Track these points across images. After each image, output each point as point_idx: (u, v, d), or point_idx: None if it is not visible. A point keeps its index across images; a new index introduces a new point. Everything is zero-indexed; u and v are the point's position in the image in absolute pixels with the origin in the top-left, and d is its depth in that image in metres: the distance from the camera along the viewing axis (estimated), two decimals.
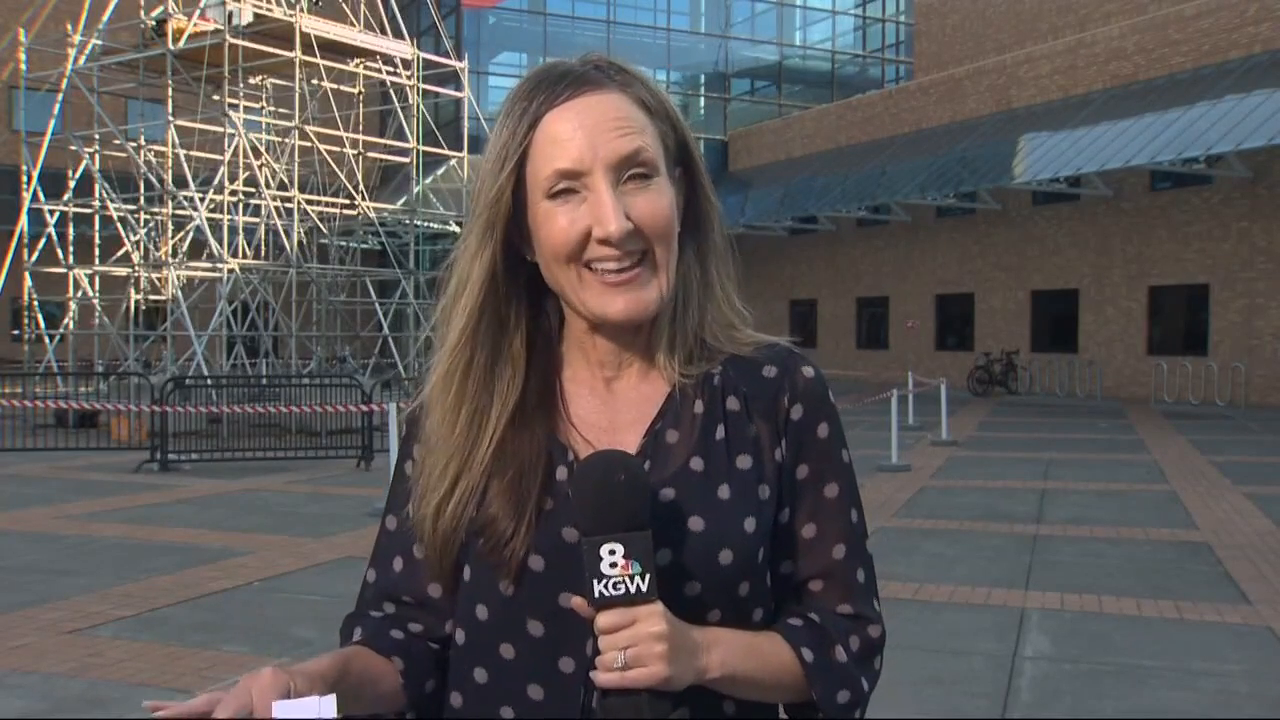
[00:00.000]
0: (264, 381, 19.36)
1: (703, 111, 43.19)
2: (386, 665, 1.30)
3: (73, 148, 22.64)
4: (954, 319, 31.71)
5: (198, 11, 21.35)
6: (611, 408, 1.31)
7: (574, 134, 1.24)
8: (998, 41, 32.70)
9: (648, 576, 1.12)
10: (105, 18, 22.32)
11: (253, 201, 22.82)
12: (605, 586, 1.12)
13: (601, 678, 1.13)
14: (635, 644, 1.12)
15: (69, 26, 22.67)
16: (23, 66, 23.01)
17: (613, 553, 1.12)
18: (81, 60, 22.44)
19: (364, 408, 14.29)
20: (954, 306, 31.66)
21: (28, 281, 22.71)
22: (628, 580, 1.12)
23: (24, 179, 22.77)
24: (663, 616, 1.13)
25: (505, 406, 1.30)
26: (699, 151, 1.33)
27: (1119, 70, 26.84)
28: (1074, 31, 30.58)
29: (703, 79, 42.99)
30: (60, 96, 22.84)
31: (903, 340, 32.77)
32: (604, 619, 1.13)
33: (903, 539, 9.44)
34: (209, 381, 17.41)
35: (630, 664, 1.12)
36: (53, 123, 22.42)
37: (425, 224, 26.39)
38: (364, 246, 26.27)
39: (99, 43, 22.61)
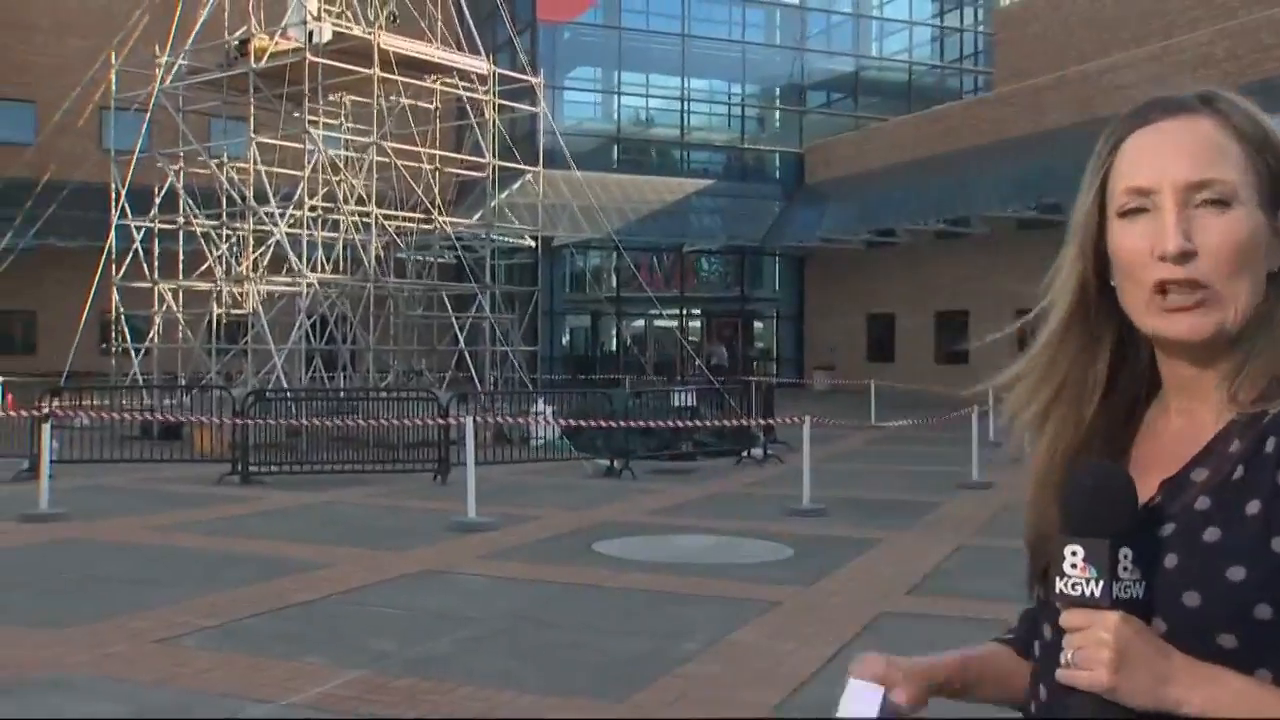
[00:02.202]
0: (342, 395, 19.61)
1: (778, 124, 43.00)
2: (1021, 665, 1.40)
3: (159, 165, 23.21)
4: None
5: (279, 31, 21.77)
6: (1164, 438, 1.32)
7: (1149, 153, 1.28)
8: (1080, 50, 32.08)
9: (1102, 583, 1.16)
10: (191, 39, 22.87)
11: (331, 216, 23.17)
12: (1065, 585, 1.18)
13: (1057, 673, 1.18)
14: (1084, 646, 1.16)
15: (156, 48, 23.24)
16: (113, 88, 23.64)
17: (1074, 554, 1.17)
18: (168, 80, 23.00)
19: (441, 421, 14.38)
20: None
21: (115, 296, 23.29)
22: (1084, 583, 1.17)
23: (113, 196, 23.35)
24: (1116, 625, 1.15)
25: (1078, 429, 1.35)
26: None
27: (1207, 76, 26.11)
28: (1159, 39, 29.93)
29: (778, 92, 42.82)
30: (148, 116, 23.42)
31: (984, 354, 32.16)
32: (1067, 617, 1.18)
33: (985, 558, 9.25)
34: (289, 395, 17.67)
35: (1077, 664, 1.15)
36: (140, 141, 22.99)
37: (501, 238, 26.59)
38: (441, 261, 26.51)
39: (185, 63, 23.16)
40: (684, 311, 40.36)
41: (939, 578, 8.47)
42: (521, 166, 26.51)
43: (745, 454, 16.86)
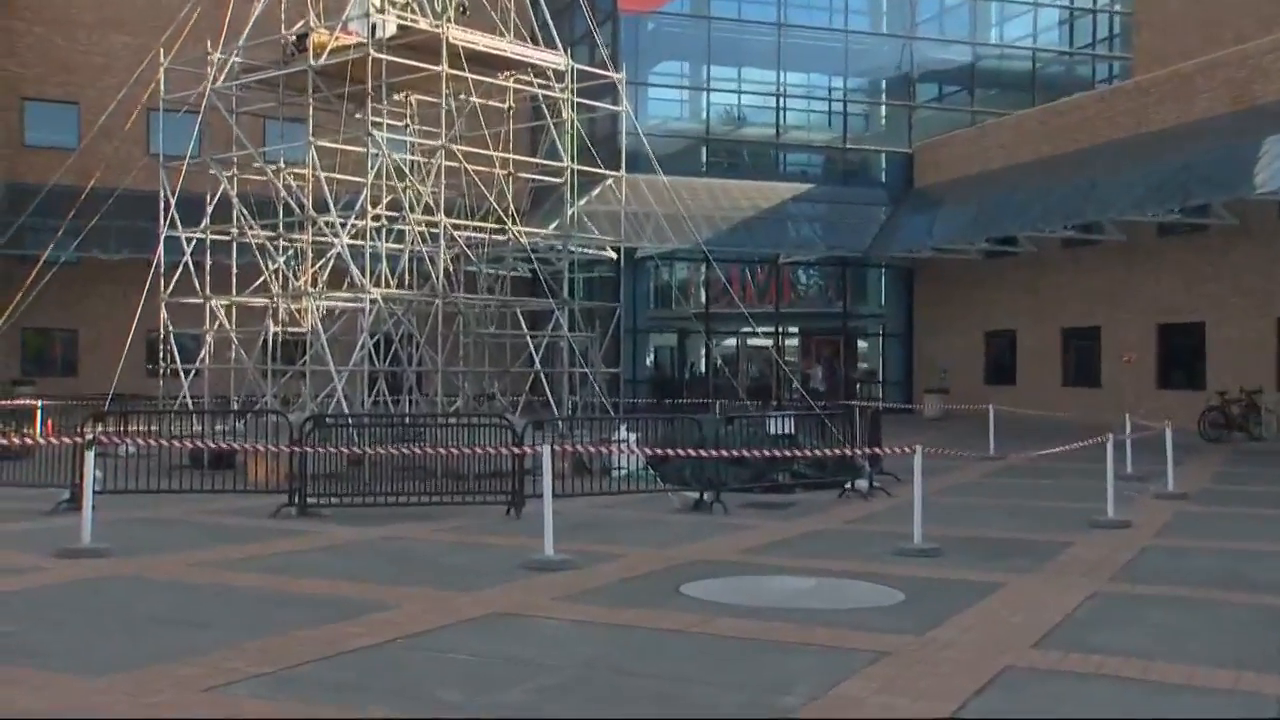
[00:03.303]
0: (408, 420, 19.82)
1: (884, 121, 42.75)
2: None
3: (210, 171, 23.74)
4: (1181, 352, 30.45)
5: (340, 25, 22.17)
6: None
7: None
8: (1236, 28, 31.28)
9: None
10: (245, 34, 23.40)
11: (396, 227, 23.50)
12: None
13: None
14: None
15: (208, 45, 23.81)
16: (161, 88, 24.26)
17: None
18: (220, 79, 23.55)
19: (515, 450, 14.46)
20: (1180, 337, 30.41)
21: (163, 313, 23.85)
22: None
23: (161, 205, 23.92)
24: None
25: None
26: None
27: None
28: None
29: (884, 85, 42.59)
30: (199, 118, 24.00)
31: (1118, 376, 31.61)
32: None
33: (1124, 607, 9.03)
34: (350, 420, 17.91)
35: None
36: (191, 145, 23.54)
37: (580, 250, 26.75)
38: (514, 274, 26.76)
39: (238, 60, 23.68)
40: (780, 329, 40.22)
41: (1071, 629, 8.29)
42: (602, 171, 26.64)
43: (849, 486, 16.72)
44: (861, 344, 43.19)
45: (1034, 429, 26.24)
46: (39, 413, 20.06)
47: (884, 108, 42.79)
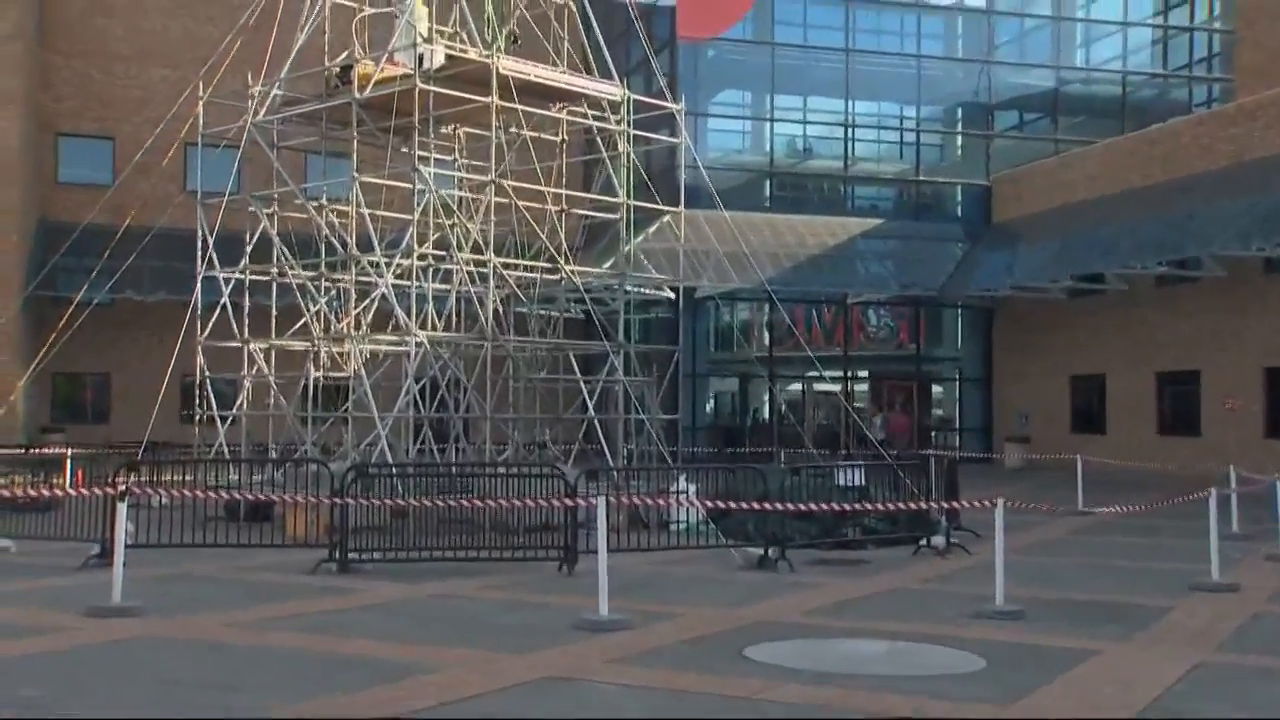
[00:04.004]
0: (455, 470, 19.87)
1: (960, 152, 42.65)
2: None
3: (250, 209, 24.07)
4: None
5: (385, 55, 22.47)
6: None
7: None
8: None
9: None
10: (286, 66, 23.77)
11: (444, 266, 23.67)
12: None
13: None
14: None
15: (249, 77, 24.23)
16: (200, 122, 24.68)
17: None
18: (261, 113, 23.92)
19: (568, 502, 14.44)
20: None
21: (200, 357, 24.14)
22: None
23: (199, 245, 24.27)
24: None
25: None
26: None
27: None
28: None
29: (960, 113, 42.52)
30: (239, 153, 24.37)
31: (1221, 425, 31.09)
32: None
33: (1232, 680, 8.83)
34: (394, 470, 17.98)
35: None
36: (230, 182, 23.90)
37: (636, 289, 26.80)
38: (567, 316, 26.87)
39: (279, 93, 24.05)
40: (849, 373, 40.06)
41: (1172, 702, 8.12)
42: (660, 207, 26.74)
43: (924, 543, 16.57)
44: (936, 389, 42.89)
45: (1126, 481, 25.85)
46: (68, 462, 20.31)
47: (959, 137, 42.71)
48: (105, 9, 37.87)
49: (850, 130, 40.24)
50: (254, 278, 24.51)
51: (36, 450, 24.59)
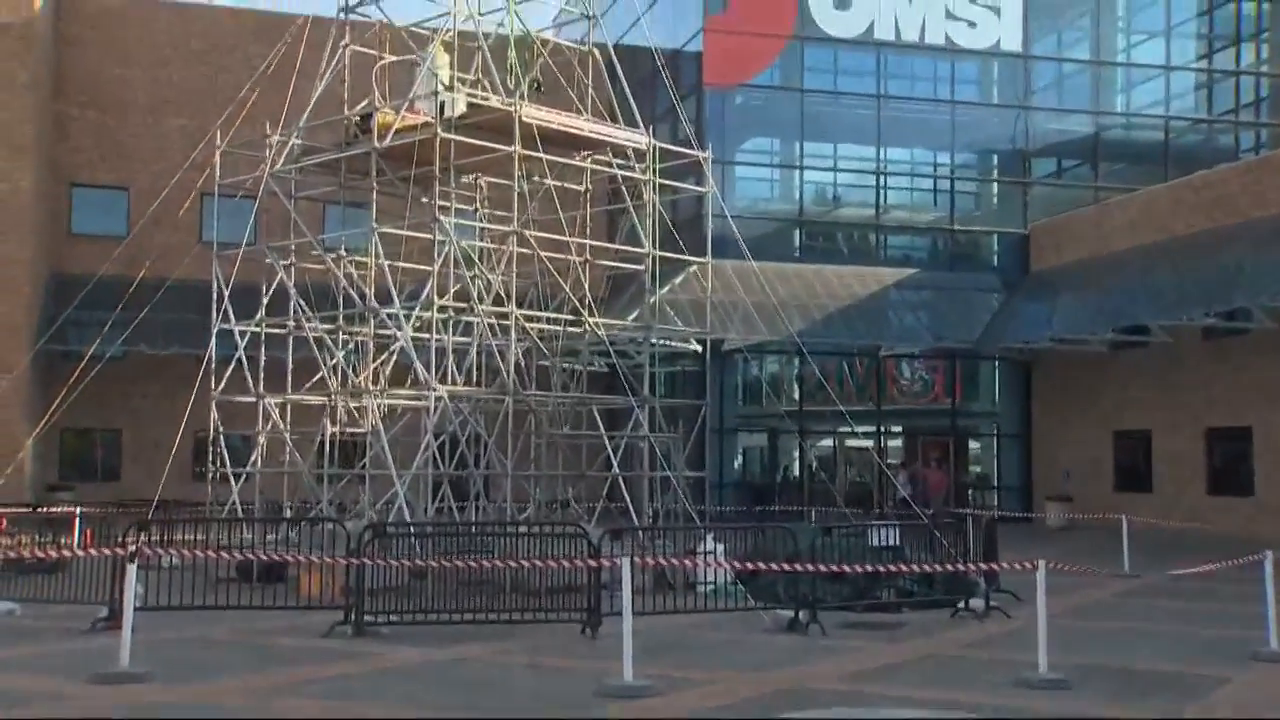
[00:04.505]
0: (475, 529, 19.85)
1: (995, 199, 42.64)
2: None
3: (267, 260, 24.23)
4: None
5: (406, 104, 22.67)
6: None
7: None
8: None
9: None
10: (305, 115, 24.01)
11: (464, 318, 23.74)
12: None
13: None
14: None
15: (267, 127, 24.47)
16: (217, 172, 24.93)
17: None
18: (279, 163, 24.14)
19: (591, 562, 14.40)
20: None
21: (214, 412, 24.23)
22: None
23: (214, 297, 24.43)
24: None
25: None
26: None
27: None
28: None
29: (996, 160, 42.56)
30: (256, 204, 24.58)
31: (1276, 484, 30.74)
32: None
33: None
34: (412, 529, 17.97)
35: None
36: (247, 233, 24.09)
37: (662, 342, 26.81)
38: (591, 369, 26.90)
39: (298, 142, 24.28)
40: (882, 428, 39.90)
41: None
42: (686, 257, 26.78)
43: (962, 606, 16.44)
44: (973, 445, 42.64)
45: (1174, 543, 25.61)
46: (77, 521, 20.38)
47: (995, 185, 42.70)
48: (122, 59, 38.39)
49: (882, 178, 40.32)
50: (270, 331, 24.64)
51: (44, 509, 24.67)
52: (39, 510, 24.61)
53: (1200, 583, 17.93)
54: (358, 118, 23.37)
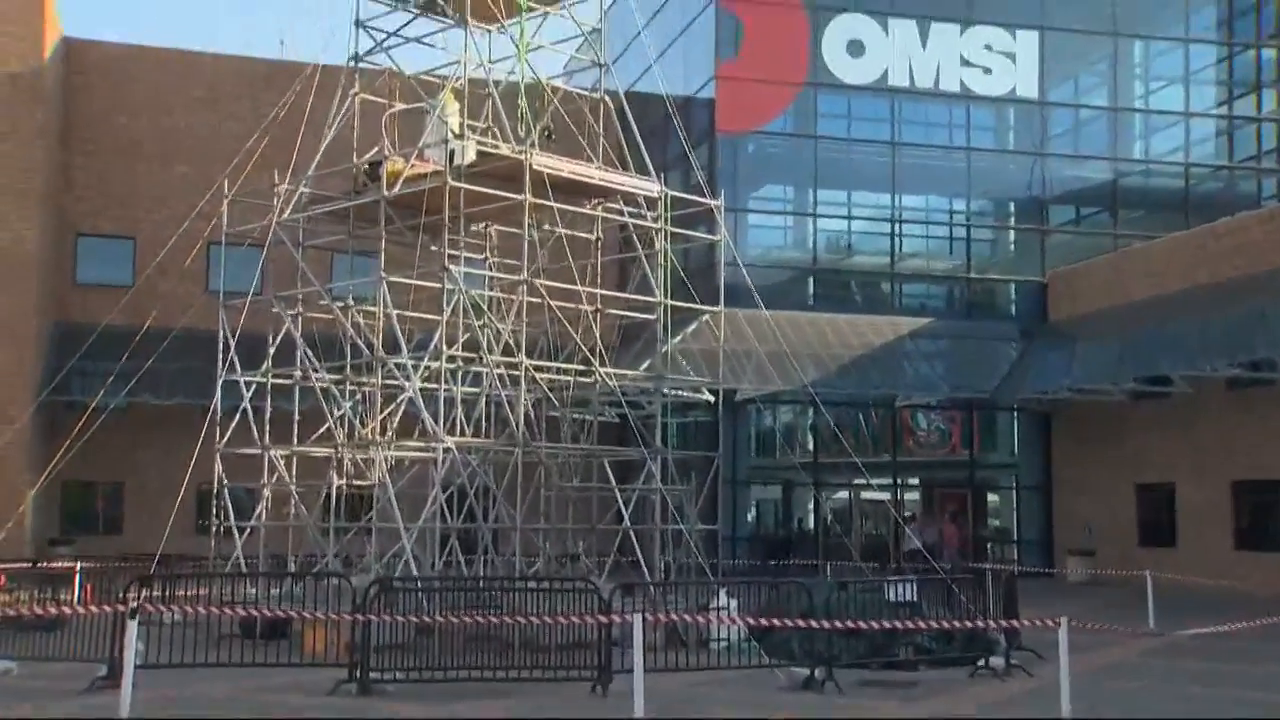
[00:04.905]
0: (482, 584, 19.77)
1: (1012, 247, 42.62)
2: None
3: (274, 310, 24.30)
4: None
5: (415, 152, 22.79)
6: None
7: None
8: None
9: None
10: (314, 164, 24.15)
11: (473, 369, 23.76)
12: None
13: None
14: None
15: (275, 175, 24.60)
16: (224, 221, 25.05)
17: None
18: (287, 211, 24.26)
19: (601, 618, 14.31)
20: None
21: (218, 465, 24.22)
22: None
23: (220, 347, 24.47)
24: None
25: None
26: None
27: None
28: None
29: (1012, 207, 42.57)
30: (264, 253, 24.68)
31: None
32: None
33: None
34: (419, 584, 17.91)
35: None
36: (254, 282, 24.16)
37: (674, 392, 26.80)
38: (601, 420, 26.88)
39: (306, 190, 24.41)
40: (898, 480, 39.73)
41: None
42: (698, 306, 26.80)
43: (981, 664, 16.30)
44: (992, 497, 42.43)
45: (1201, 600, 25.39)
46: (77, 577, 20.33)
47: (1012, 232, 42.68)
48: (129, 108, 38.64)
49: (897, 226, 40.33)
50: (276, 381, 24.67)
51: (44, 565, 24.64)
52: (38, 566, 24.59)
53: (1228, 642, 17.77)
54: (366, 166, 23.54)
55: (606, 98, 25.70)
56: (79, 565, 21.73)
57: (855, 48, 38.90)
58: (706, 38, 38.78)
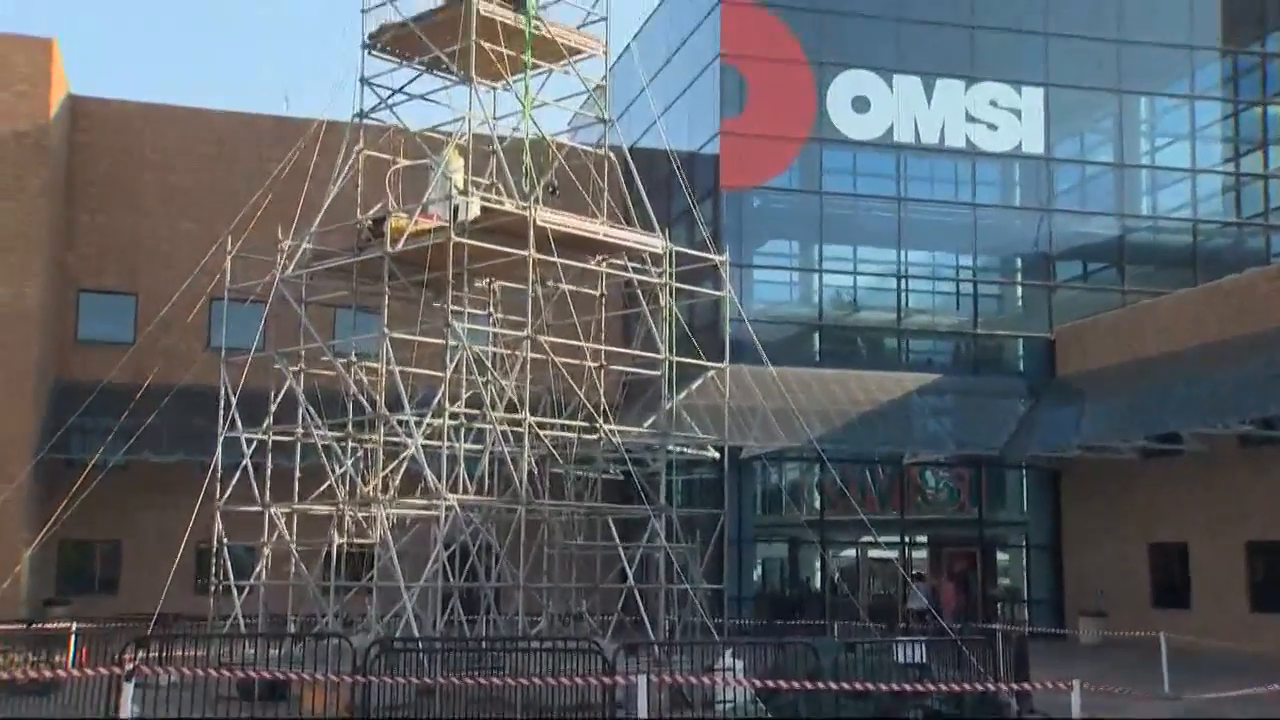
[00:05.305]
0: (485, 644, 19.62)
1: (1020, 303, 42.64)
2: None
3: (276, 366, 24.28)
4: None
5: (420, 208, 22.84)
6: None
7: None
8: None
9: None
10: (318, 219, 24.21)
11: (476, 425, 23.69)
12: None
13: None
14: None
15: (279, 231, 24.66)
16: (227, 277, 25.07)
17: None
18: (290, 267, 24.31)
19: (605, 680, 14.17)
20: None
21: (218, 523, 24.11)
22: None
23: (221, 404, 24.43)
24: None
25: None
26: None
27: None
28: None
29: (1019, 262, 42.61)
30: (266, 309, 24.69)
31: None
32: None
33: None
34: (420, 644, 17.76)
35: None
36: (257, 339, 24.16)
37: (679, 449, 26.72)
38: (605, 477, 26.79)
39: (309, 246, 24.46)
40: (906, 538, 39.52)
41: None
42: (703, 363, 26.74)
43: None
44: (1002, 556, 42.16)
45: (1217, 663, 25.14)
46: (72, 638, 20.19)
47: (1019, 288, 42.70)
48: (135, 164, 38.78)
49: (903, 281, 40.35)
50: (277, 438, 24.61)
51: (39, 626, 24.48)
52: (33, 627, 24.42)
53: (1245, 707, 17.55)
54: (370, 222, 23.57)
55: (611, 153, 25.79)
56: (74, 626, 21.59)
57: (860, 103, 39.13)
58: (711, 93, 39.01)
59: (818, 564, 39.84)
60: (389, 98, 25.55)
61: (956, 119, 39.74)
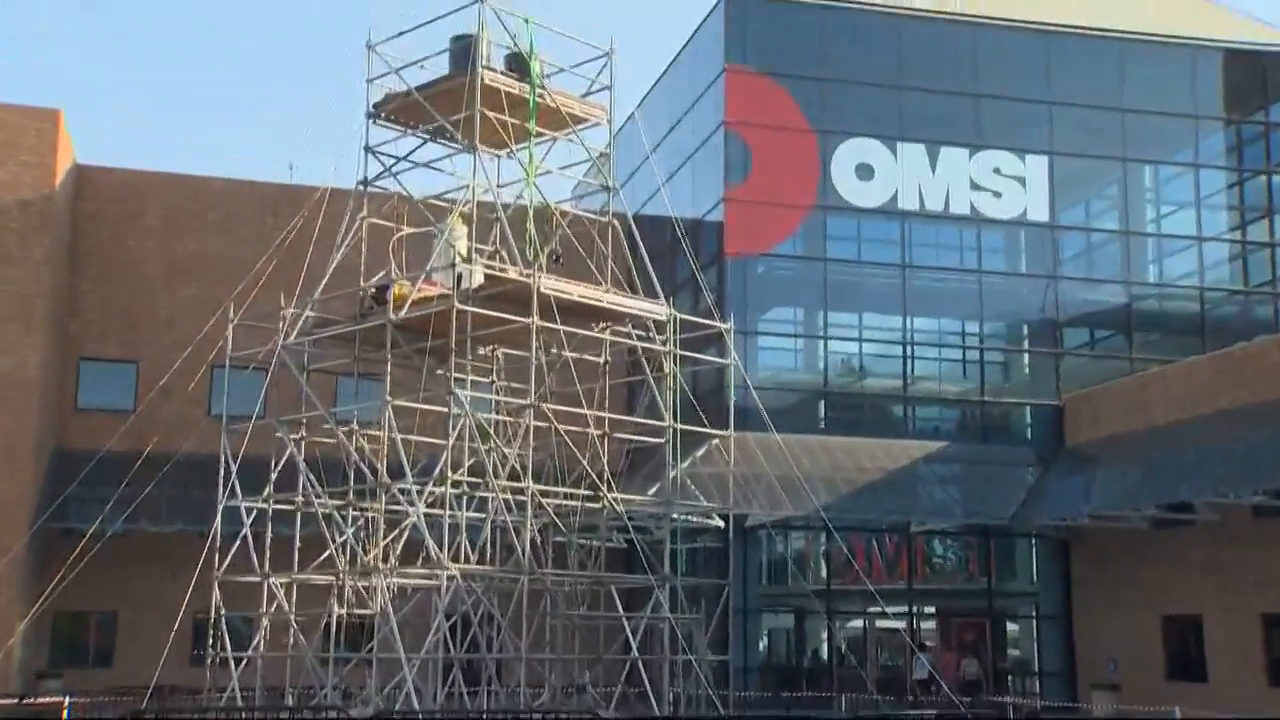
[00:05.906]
0: (485, 717, 19.43)
1: (1027, 370, 42.57)
2: None
3: (277, 434, 24.22)
4: None
5: (423, 275, 22.89)
6: None
7: None
8: None
9: None
10: (320, 287, 24.25)
11: (478, 494, 23.60)
12: None
13: None
14: None
15: (281, 298, 24.69)
16: (229, 346, 25.09)
17: None
18: (293, 335, 24.32)
19: None
20: None
21: (216, 593, 23.94)
22: None
23: (221, 473, 24.36)
24: None
25: None
26: None
27: None
28: None
29: (1026, 330, 42.56)
30: (268, 377, 24.68)
31: None
32: None
33: None
34: (420, 717, 17.56)
35: None
36: (258, 406, 24.13)
37: (683, 518, 26.60)
38: (609, 546, 26.65)
39: (311, 314, 24.49)
40: (914, 609, 39.19)
41: None
42: (707, 430, 26.67)
43: None
44: (1011, 627, 41.79)
45: None
46: (65, 713, 20.00)
47: (1027, 356, 42.62)
48: (139, 231, 38.84)
49: (909, 348, 40.28)
50: (278, 507, 24.51)
51: (30, 701, 24.25)
52: (24, 701, 24.19)
53: None
54: (373, 289, 23.62)
55: (615, 220, 25.86)
56: (68, 700, 21.39)
57: (864, 171, 39.26)
58: (715, 161, 39.16)
59: (824, 634, 39.51)
60: (393, 165, 25.72)
61: (961, 186, 39.84)
